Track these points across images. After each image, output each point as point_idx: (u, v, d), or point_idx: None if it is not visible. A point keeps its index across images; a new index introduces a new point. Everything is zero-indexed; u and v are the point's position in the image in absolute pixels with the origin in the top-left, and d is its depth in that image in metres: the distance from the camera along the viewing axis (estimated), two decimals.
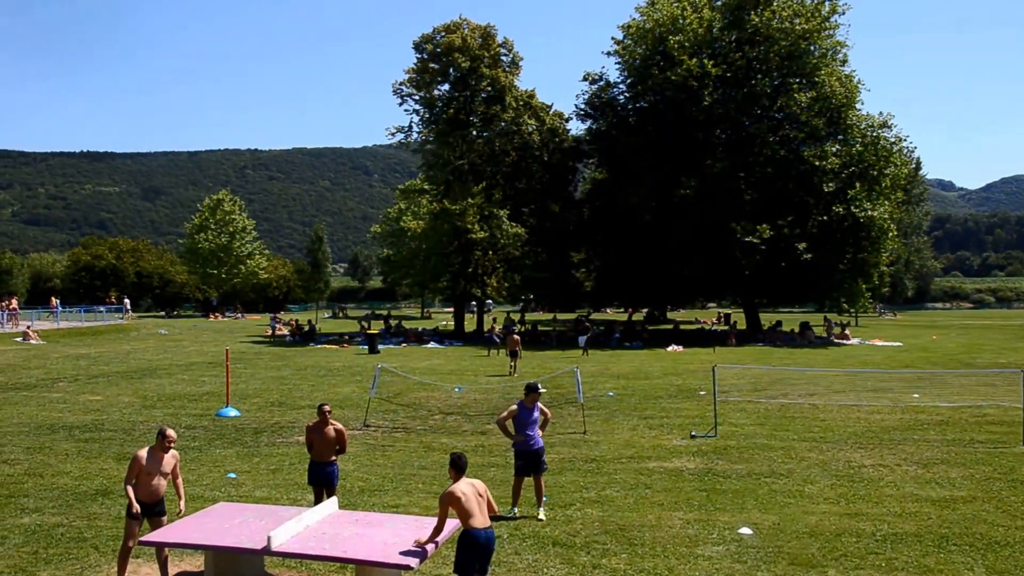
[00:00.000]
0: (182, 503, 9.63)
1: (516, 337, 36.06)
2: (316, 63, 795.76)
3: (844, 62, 54.08)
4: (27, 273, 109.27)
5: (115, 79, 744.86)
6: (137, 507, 9.02)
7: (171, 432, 9.32)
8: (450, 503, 8.18)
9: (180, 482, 9.64)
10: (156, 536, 8.90)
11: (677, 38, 51.86)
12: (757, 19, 51.20)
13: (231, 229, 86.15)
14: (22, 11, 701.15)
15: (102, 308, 69.29)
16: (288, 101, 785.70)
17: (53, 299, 71.42)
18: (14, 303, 62.57)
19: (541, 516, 11.91)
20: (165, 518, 9.37)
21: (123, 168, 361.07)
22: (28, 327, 50.89)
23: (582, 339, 43.94)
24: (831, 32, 53.34)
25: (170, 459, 9.36)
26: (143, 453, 9.18)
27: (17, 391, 27.33)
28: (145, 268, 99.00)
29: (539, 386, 12.43)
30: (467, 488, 8.26)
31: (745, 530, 11.18)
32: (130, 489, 9.10)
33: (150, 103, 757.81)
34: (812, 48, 52.67)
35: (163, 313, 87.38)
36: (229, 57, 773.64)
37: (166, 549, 9.17)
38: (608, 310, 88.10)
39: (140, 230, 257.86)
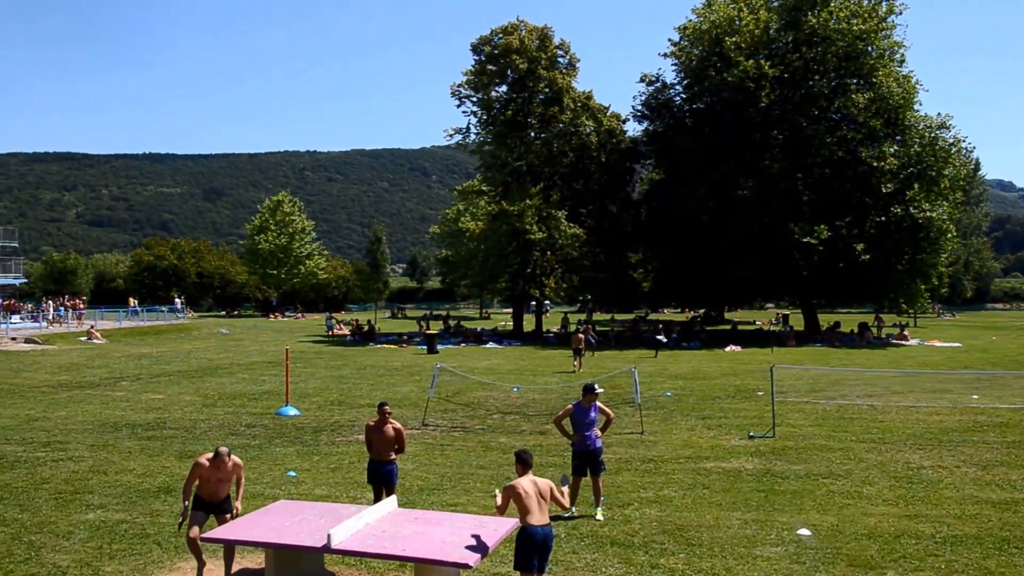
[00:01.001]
0: (238, 503, 9.82)
1: (580, 335, 36.72)
2: (374, 65, 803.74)
3: (902, 62, 53.29)
4: (91, 274, 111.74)
5: (176, 80, 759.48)
6: (187, 520, 9.44)
7: (224, 450, 9.56)
8: (512, 496, 8.24)
9: (242, 484, 9.86)
10: (218, 533, 9.12)
11: (734, 39, 51.52)
12: (814, 20, 50.66)
13: (291, 230, 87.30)
14: (81, 11, 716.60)
15: (164, 308, 70.75)
16: (346, 103, 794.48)
17: (132, 300, 73.20)
18: (80, 303, 64.18)
19: (599, 516, 11.94)
20: (230, 515, 9.61)
21: (185, 169, 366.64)
22: (92, 327, 52.16)
23: (661, 339, 43.11)
24: (888, 32, 52.61)
25: (232, 467, 9.62)
26: (204, 461, 9.51)
27: (81, 389, 28.05)
28: (206, 268, 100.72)
29: (596, 387, 12.47)
30: (529, 485, 8.31)
31: (803, 531, 11.12)
32: (187, 495, 9.50)
33: (211, 105, 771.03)
34: (869, 49, 51.97)
35: (224, 313, 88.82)
36: (288, 59, 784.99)
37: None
38: (665, 310, 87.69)
39: (201, 231, 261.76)
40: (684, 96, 57.69)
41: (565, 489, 8.86)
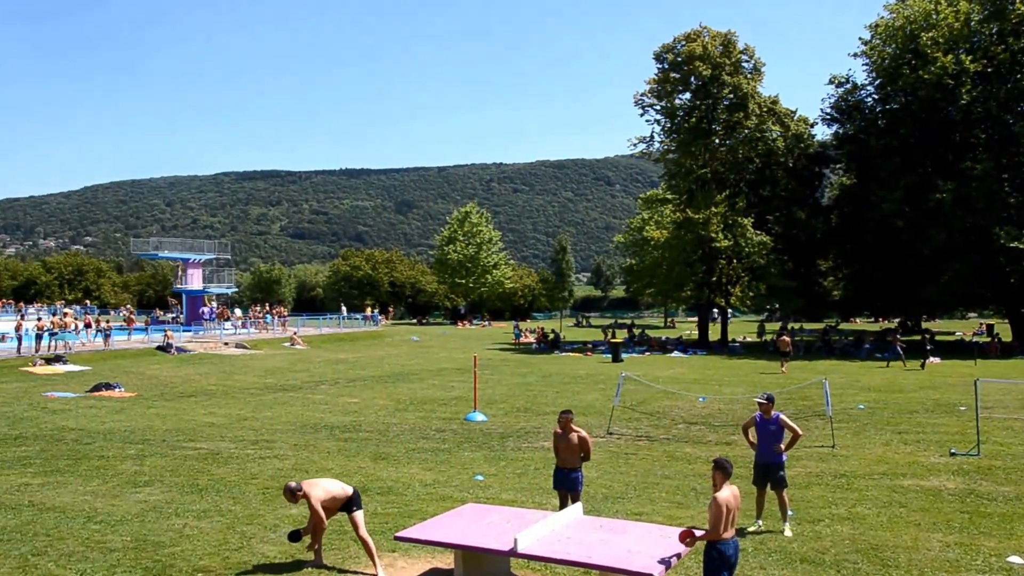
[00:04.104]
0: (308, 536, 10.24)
1: (787, 339, 38.22)
2: (558, 75, 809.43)
3: None
4: (293, 283, 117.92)
5: (370, 98, 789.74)
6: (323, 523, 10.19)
7: (292, 486, 9.99)
8: (719, 511, 8.09)
9: (318, 523, 10.13)
10: (410, 533, 9.47)
11: (930, 34, 48.99)
12: (1023, 7, 47.48)
13: (478, 240, 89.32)
14: (281, 42, 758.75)
15: (358, 315, 73.84)
16: (531, 115, 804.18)
17: (368, 308, 77.14)
18: (283, 311, 67.83)
19: (787, 532, 11.61)
20: (360, 512, 10.12)
21: (378, 183, 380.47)
22: (294, 333, 55.07)
23: (898, 349, 41.26)
24: None
25: (304, 498, 10.03)
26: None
27: (285, 392, 29.75)
28: (398, 278, 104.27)
29: (767, 396, 12.15)
30: (730, 498, 8.16)
31: (1015, 559, 10.40)
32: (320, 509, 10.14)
33: (402, 120, 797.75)
34: None
35: (415, 320, 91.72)
36: (475, 73, 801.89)
37: (364, 534, 9.95)
38: (857, 320, 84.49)
39: (393, 242, 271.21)
40: (876, 97, 55.32)
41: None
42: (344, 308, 79.03)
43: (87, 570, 9.86)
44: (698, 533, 8.27)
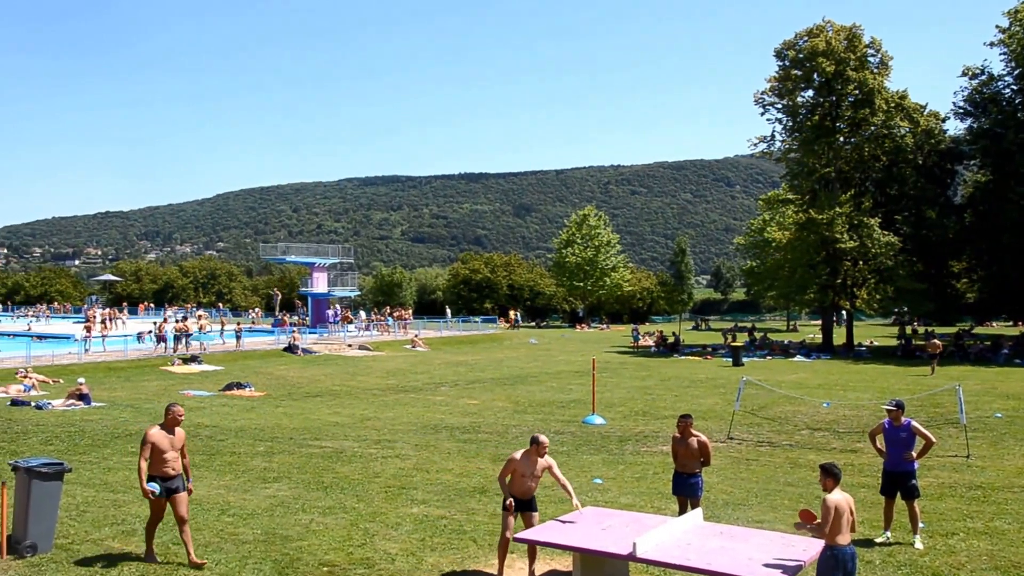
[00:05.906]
0: (574, 500, 10.06)
1: (937, 342, 40.20)
2: (674, 76, 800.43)
3: None
4: (414, 286, 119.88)
5: (487, 103, 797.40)
6: (511, 501, 9.78)
7: (544, 439, 9.91)
8: (831, 514, 7.93)
9: (564, 480, 10.10)
10: (529, 534, 9.50)
11: None
12: None
13: (596, 243, 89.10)
14: (398, 48, 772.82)
15: (477, 319, 74.59)
16: (648, 116, 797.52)
17: (512, 312, 78.36)
18: (405, 313, 69.10)
19: (918, 545, 11.17)
20: (536, 515, 9.98)
21: (496, 187, 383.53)
22: (416, 335, 56.03)
23: None
24: None
25: (543, 464, 9.96)
26: (518, 455, 9.90)
27: (406, 393, 30.34)
28: (517, 281, 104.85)
29: (896, 403, 11.74)
30: (842, 502, 8.00)
31: None
32: (504, 485, 9.90)
33: (520, 125, 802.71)
34: None
35: (533, 323, 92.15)
36: (591, 75, 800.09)
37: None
38: (994, 323, 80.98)
39: (512, 245, 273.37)
40: (1015, 88, 52.78)
41: None
42: (449, 311, 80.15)
43: (221, 560, 10.29)
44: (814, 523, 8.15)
